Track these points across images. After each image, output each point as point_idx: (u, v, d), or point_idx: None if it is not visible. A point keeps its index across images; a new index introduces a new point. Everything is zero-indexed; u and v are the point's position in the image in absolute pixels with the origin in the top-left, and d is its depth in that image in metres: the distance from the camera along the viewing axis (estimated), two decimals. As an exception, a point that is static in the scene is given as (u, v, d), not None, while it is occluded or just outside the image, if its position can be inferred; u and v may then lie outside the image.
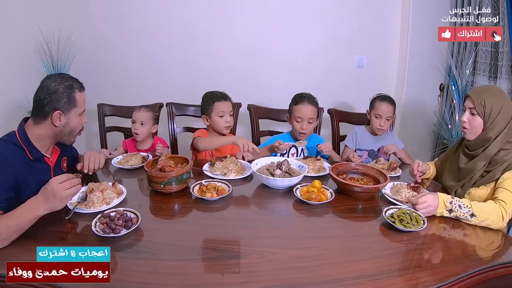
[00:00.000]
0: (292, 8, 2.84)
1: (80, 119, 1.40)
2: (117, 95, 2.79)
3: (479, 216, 1.27)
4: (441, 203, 1.32)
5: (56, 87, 1.31)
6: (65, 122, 1.34)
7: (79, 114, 1.38)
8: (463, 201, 1.32)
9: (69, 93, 1.33)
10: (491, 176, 1.42)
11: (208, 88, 2.13)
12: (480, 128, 1.45)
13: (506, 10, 2.15)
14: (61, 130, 1.35)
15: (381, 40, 2.91)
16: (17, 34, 2.48)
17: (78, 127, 1.40)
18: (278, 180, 1.50)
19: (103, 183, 1.39)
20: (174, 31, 2.90)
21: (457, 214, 1.30)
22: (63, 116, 1.33)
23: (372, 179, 1.58)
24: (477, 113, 1.44)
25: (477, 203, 1.32)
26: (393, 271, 1.02)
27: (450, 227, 1.29)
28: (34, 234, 1.13)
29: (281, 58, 2.93)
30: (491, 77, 2.44)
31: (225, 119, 1.97)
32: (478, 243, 1.23)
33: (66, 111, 1.33)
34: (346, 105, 2.83)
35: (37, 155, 1.32)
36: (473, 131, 1.47)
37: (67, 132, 1.37)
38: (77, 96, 1.35)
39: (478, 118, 1.44)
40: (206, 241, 1.16)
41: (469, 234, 1.25)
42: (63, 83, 1.33)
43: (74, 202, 1.29)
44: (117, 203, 1.33)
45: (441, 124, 2.70)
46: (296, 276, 0.99)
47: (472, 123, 1.47)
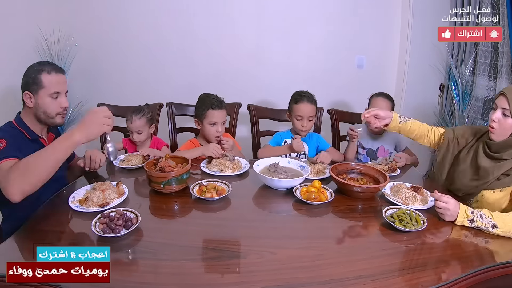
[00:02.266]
0: (292, 8, 2.84)
1: (55, 101, 1.41)
2: (117, 95, 2.79)
3: (500, 228, 1.21)
4: (462, 212, 1.25)
5: (27, 71, 1.40)
6: (36, 102, 1.39)
7: (49, 95, 1.39)
8: (483, 211, 1.25)
9: (35, 74, 1.38)
10: (508, 181, 1.36)
11: (208, 88, 2.12)
12: (510, 131, 1.37)
13: (506, 10, 2.15)
14: (35, 111, 1.41)
15: (381, 40, 2.91)
16: (17, 34, 2.47)
17: (52, 108, 1.41)
18: (281, 181, 1.49)
19: (106, 183, 1.41)
20: (174, 31, 2.90)
21: (479, 225, 1.23)
22: (33, 98, 1.39)
23: (372, 179, 1.58)
24: (511, 115, 1.35)
25: (498, 214, 1.25)
26: (393, 271, 1.02)
27: (450, 227, 1.28)
28: (34, 234, 1.13)
29: (281, 58, 2.93)
30: (491, 77, 2.44)
31: (216, 128, 1.90)
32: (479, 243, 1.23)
33: (34, 92, 1.38)
34: (346, 105, 2.83)
35: (33, 136, 1.42)
36: (502, 132, 1.39)
37: (42, 113, 1.41)
38: (44, 78, 1.38)
39: (510, 120, 1.35)
40: (206, 241, 1.16)
41: (469, 234, 1.25)
42: (34, 67, 1.40)
43: (112, 150, 1.32)
44: (116, 204, 1.33)
45: (441, 124, 2.70)
46: (296, 276, 0.99)
47: (502, 124, 1.38)
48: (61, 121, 1.48)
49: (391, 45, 2.91)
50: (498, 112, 1.39)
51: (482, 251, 1.20)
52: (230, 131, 2.39)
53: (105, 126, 1.20)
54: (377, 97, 2.05)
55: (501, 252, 1.19)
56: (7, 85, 2.41)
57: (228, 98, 2.42)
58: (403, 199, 1.42)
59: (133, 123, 2.00)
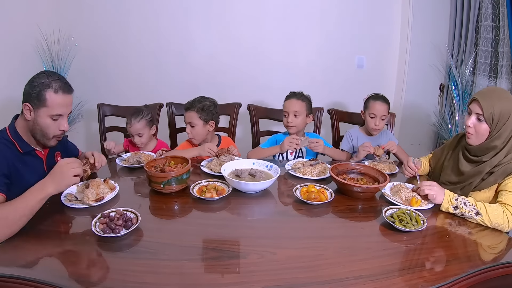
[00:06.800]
0: (292, 8, 2.84)
1: (55, 123, 1.32)
2: (117, 95, 2.80)
3: (483, 216, 1.27)
4: (447, 197, 1.32)
5: (34, 80, 1.29)
6: (34, 118, 1.30)
7: (50, 116, 1.30)
8: (468, 199, 1.32)
9: (40, 89, 1.27)
10: (493, 180, 1.38)
11: (208, 88, 2.13)
12: (486, 135, 1.39)
13: (506, 10, 2.15)
14: (32, 126, 1.31)
15: (381, 40, 2.91)
16: (17, 34, 2.47)
17: (50, 130, 1.32)
18: (248, 184, 1.45)
19: (95, 180, 1.43)
20: (174, 31, 2.90)
21: (463, 211, 1.30)
22: (32, 111, 1.29)
23: (372, 179, 1.58)
24: (485, 120, 1.37)
25: (482, 203, 1.31)
26: (393, 271, 1.02)
27: (450, 227, 1.29)
28: (34, 234, 1.13)
29: (281, 58, 2.93)
30: (491, 77, 2.44)
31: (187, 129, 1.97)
32: (479, 243, 1.23)
33: (35, 107, 1.28)
34: (346, 105, 2.83)
35: (27, 149, 1.34)
36: (478, 137, 1.41)
37: (38, 130, 1.31)
38: (49, 96, 1.28)
39: (485, 124, 1.38)
40: (206, 241, 1.16)
41: (469, 234, 1.25)
42: (42, 79, 1.29)
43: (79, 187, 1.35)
44: (110, 198, 1.36)
45: (441, 124, 2.70)
46: (296, 276, 0.99)
47: (477, 129, 1.40)
48: (55, 144, 1.39)
49: (391, 45, 2.91)
50: (472, 117, 1.41)
51: (483, 252, 1.20)
52: (230, 131, 2.39)
53: (74, 177, 1.22)
54: (375, 101, 2.04)
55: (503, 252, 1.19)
56: (6, 85, 2.41)
57: (228, 98, 2.43)
58: (403, 199, 1.42)
59: (133, 126, 1.99)
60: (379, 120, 2.02)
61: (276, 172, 1.55)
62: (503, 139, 1.37)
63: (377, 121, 2.02)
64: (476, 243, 1.22)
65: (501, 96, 1.39)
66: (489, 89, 1.46)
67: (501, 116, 1.35)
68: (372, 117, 2.03)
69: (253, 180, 1.51)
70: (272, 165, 1.62)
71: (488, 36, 2.41)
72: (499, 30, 2.29)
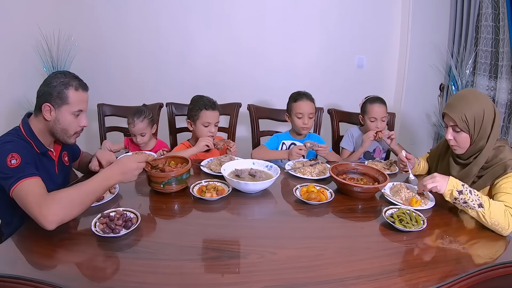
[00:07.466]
0: (292, 8, 2.84)
1: (76, 120, 1.36)
2: (117, 95, 2.80)
3: (486, 210, 1.23)
4: (451, 182, 1.29)
5: (52, 81, 1.31)
6: (55, 117, 1.32)
7: (71, 112, 1.33)
8: (475, 190, 1.29)
9: (62, 89, 1.30)
10: (483, 183, 1.39)
11: (208, 88, 2.13)
12: (468, 142, 1.40)
13: (506, 10, 2.15)
14: (52, 125, 1.33)
15: (381, 40, 2.91)
16: (17, 34, 2.47)
17: (72, 127, 1.36)
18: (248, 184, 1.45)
19: None
20: (174, 31, 2.90)
21: (466, 198, 1.26)
22: (53, 111, 1.31)
23: (372, 179, 1.58)
24: (461, 130, 1.38)
25: (487, 198, 1.28)
26: (393, 271, 1.02)
27: (450, 227, 1.29)
28: (34, 234, 1.13)
29: (281, 58, 2.93)
30: (491, 77, 2.44)
31: (209, 129, 1.92)
32: (479, 243, 1.23)
33: (57, 106, 1.31)
34: (346, 105, 2.82)
35: (42, 149, 1.35)
36: (462, 146, 1.42)
37: (59, 129, 1.34)
38: (71, 94, 1.31)
39: (463, 133, 1.38)
40: (206, 241, 1.16)
41: (469, 234, 1.25)
42: (61, 78, 1.32)
43: None
44: (110, 198, 1.37)
45: (441, 124, 2.70)
46: (296, 276, 0.99)
47: (458, 140, 1.41)
48: (75, 141, 1.42)
49: (391, 45, 2.91)
50: (449, 130, 1.42)
51: (483, 251, 1.20)
52: (230, 131, 2.39)
53: (136, 176, 1.30)
54: (373, 104, 2.03)
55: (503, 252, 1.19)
56: (6, 85, 2.41)
57: (228, 98, 2.43)
58: (403, 199, 1.42)
59: (136, 126, 2.00)
60: (380, 122, 2.01)
61: (276, 172, 1.55)
62: (486, 138, 1.38)
63: (379, 123, 2.01)
64: (476, 243, 1.22)
65: (468, 100, 1.38)
66: (455, 97, 1.45)
67: (475, 120, 1.35)
68: (373, 121, 2.02)
69: (253, 180, 1.51)
70: (272, 165, 1.62)
71: (488, 36, 2.41)
72: (499, 30, 2.29)
